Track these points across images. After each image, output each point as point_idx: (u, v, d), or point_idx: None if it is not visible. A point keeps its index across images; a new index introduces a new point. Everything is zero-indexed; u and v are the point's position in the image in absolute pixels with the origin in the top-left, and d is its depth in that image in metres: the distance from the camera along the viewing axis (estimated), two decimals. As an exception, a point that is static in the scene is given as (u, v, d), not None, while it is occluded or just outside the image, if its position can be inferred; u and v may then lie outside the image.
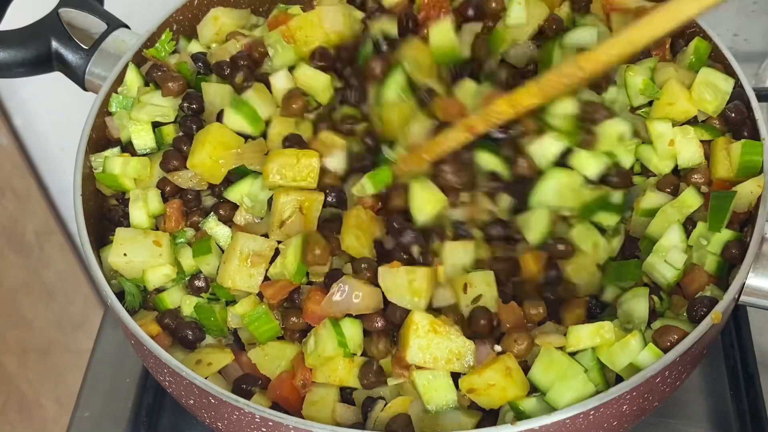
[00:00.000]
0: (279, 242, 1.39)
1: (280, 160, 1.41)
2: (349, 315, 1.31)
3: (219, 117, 1.50)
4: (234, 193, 1.45)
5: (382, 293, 1.32)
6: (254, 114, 1.48)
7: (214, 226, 1.44)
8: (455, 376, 1.28)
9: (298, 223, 1.39)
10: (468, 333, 1.29)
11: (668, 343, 1.26)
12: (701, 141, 1.45)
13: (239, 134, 1.48)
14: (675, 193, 1.42)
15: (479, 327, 1.30)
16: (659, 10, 1.26)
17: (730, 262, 1.34)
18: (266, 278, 1.38)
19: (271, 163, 1.41)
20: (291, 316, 1.34)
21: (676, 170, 1.46)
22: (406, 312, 1.29)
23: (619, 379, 1.27)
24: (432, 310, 1.32)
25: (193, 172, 1.46)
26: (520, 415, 1.24)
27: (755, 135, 1.43)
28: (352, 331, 1.30)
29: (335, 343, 1.28)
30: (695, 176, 1.42)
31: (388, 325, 1.31)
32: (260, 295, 1.38)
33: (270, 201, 1.42)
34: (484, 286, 1.33)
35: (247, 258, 1.36)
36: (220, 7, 1.71)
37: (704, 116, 1.48)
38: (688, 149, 1.43)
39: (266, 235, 1.40)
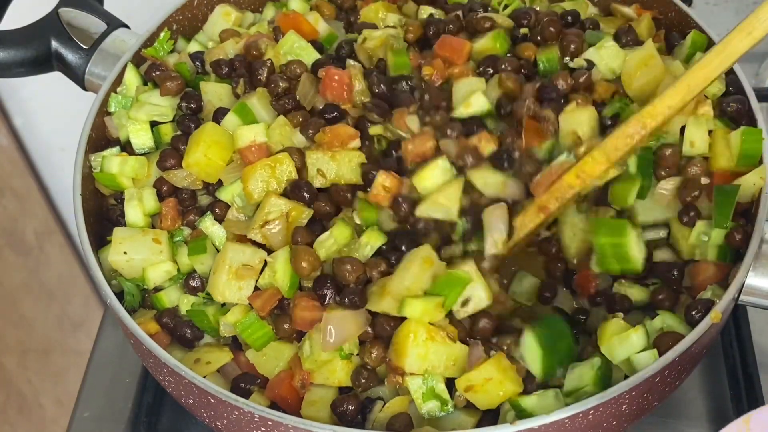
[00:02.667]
0: (268, 253, 1.37)
1: (256, 176, 1.40)
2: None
3: (216, 116, 1.50)
4: (226, 193, 1.44)
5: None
6: (255, 121, 1.47)
7: (210, 226, 1.44)
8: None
9: (280, 228, 1.37)
10: (463, 336, 1.29)
11: (668, 343, 1.26)
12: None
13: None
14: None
15: (480, 330, 1.29)
16: (711, 51, 1.26)
17: (735, 247, 1.34)
18: (256, 287, 1.36)
19: (250, 182, 1.39)
20: (283, 323, 1.33)
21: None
22: (395, 324, 1.28)
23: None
24: None
25: (188, 171, 1.46)
26: (521, 414, 1.24)
27: (755, 134, 1.43)
28: (347, 332, 1.30)
29: (330, 346, 1.29)
30: (693, 168, 1.42)
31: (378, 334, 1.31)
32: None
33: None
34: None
35: (236, 271, 1.34)
36: (225, 4, 1.71)
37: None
38: (700, 137, 1.42)
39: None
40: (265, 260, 1.36)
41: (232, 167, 1.44)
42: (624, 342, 1.26)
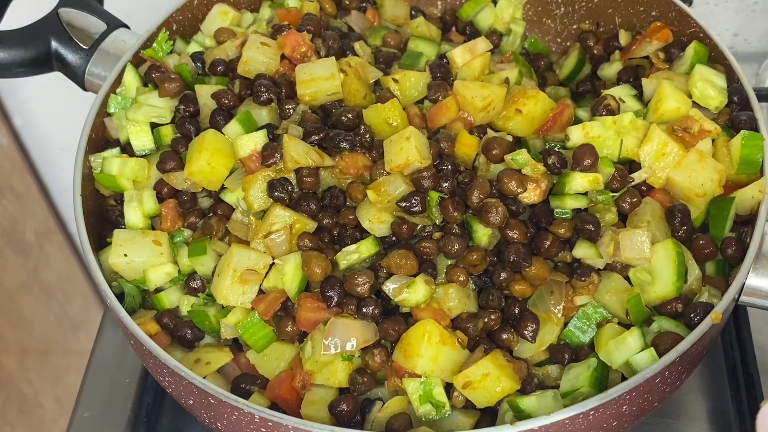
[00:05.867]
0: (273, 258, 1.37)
1: (256, 186, 1.39)
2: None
3: (213, 118, 1.49)
4: (231, 196, 1.44)
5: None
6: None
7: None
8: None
9: (283, 239, 1.37)
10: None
11: (667, 343, 1.26)
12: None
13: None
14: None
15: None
16: None
17: (729, 261, 1.34)
18: (260, 290, 1.37)
19: (251, 192, 1.39)
20: (286, 325, 1.34)
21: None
22: (401, 328, 1.29)
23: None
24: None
25: (191, 180, 1.44)
26: (519, 415, 1.24)
27: (755, 135, 1.43)
28: (349, 334, 1.30)
29: (331, 347, 1.29)
30: None
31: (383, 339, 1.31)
32: (254, 306, 1.37)
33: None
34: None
35: (240, 276, 1.34)
36: (222, 3, 1.71)
37: (711, 115, 1.47)
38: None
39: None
40: (271, 263, 1.36)
41: (237, 174, 1.44)
42: (621, 345, 1.26)
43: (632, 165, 1.42)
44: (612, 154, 1.41)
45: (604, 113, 1.46)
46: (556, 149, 1.41)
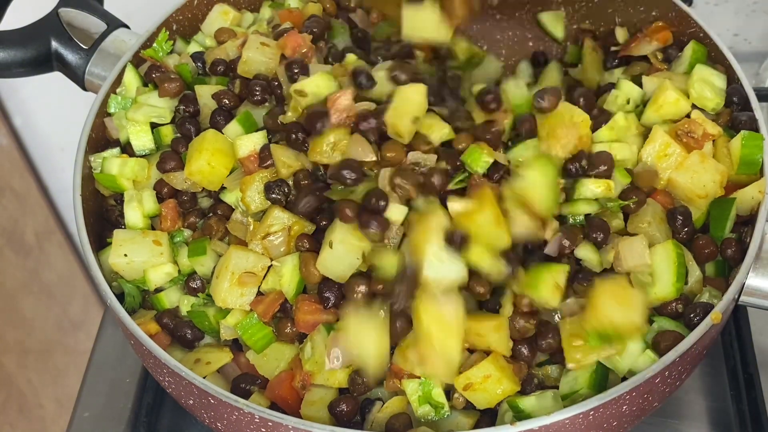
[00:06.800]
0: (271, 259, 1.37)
1: (253, 188, 1.39)
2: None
3: (213, 119, 1.50)
4: (230, 197, 1.44)
5: None
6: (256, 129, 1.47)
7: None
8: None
9: (281, 240, 1.36)
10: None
11: (668, 341, 1.26)
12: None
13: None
14: None
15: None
16: None
17: (729, 262, 1.34)
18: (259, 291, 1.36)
19: (248, 193, 1.39)
20: (285, 327, 1.34)
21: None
22: (406, 329, 1.28)
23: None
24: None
25: (191, 180, 1.44)
26: (519, 415, 1.24)
27: (755, 135, 1.43)
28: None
29: (331, 348, 1.28)
30: None
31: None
32: (254, 308, 1.37)
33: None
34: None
35: (239, 278, 1.34)
36: (223, 3, 1.71)
37: (709, 116, 1.47)
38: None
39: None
40: (269, 265, 1.36)
41: (236, 175, 1.44)
42: (623, 353, 1.26)
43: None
44: (628, 162, 1.40)
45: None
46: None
